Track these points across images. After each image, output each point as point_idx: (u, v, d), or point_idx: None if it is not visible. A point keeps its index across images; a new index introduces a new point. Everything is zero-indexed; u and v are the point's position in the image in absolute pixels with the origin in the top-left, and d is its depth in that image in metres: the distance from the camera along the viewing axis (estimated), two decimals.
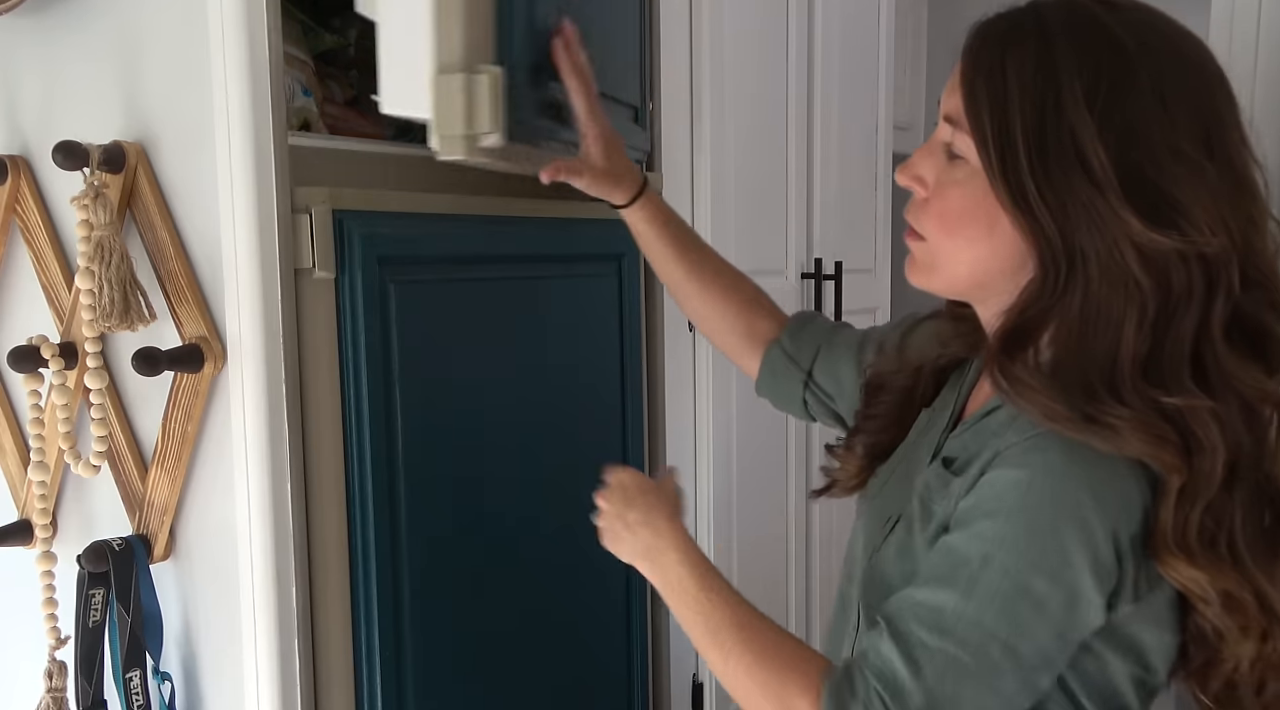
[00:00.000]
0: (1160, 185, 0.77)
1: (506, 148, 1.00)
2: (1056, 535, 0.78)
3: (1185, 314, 0.79)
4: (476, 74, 0.97)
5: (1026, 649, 0.79)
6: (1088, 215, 0.78)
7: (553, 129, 1.15)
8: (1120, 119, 0.78)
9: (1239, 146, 0.81)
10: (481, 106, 0.97)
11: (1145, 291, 0.78)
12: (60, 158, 1.06)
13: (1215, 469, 0.78)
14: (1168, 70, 0.79)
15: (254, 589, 1.09)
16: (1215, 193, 0.78)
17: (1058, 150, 0.78)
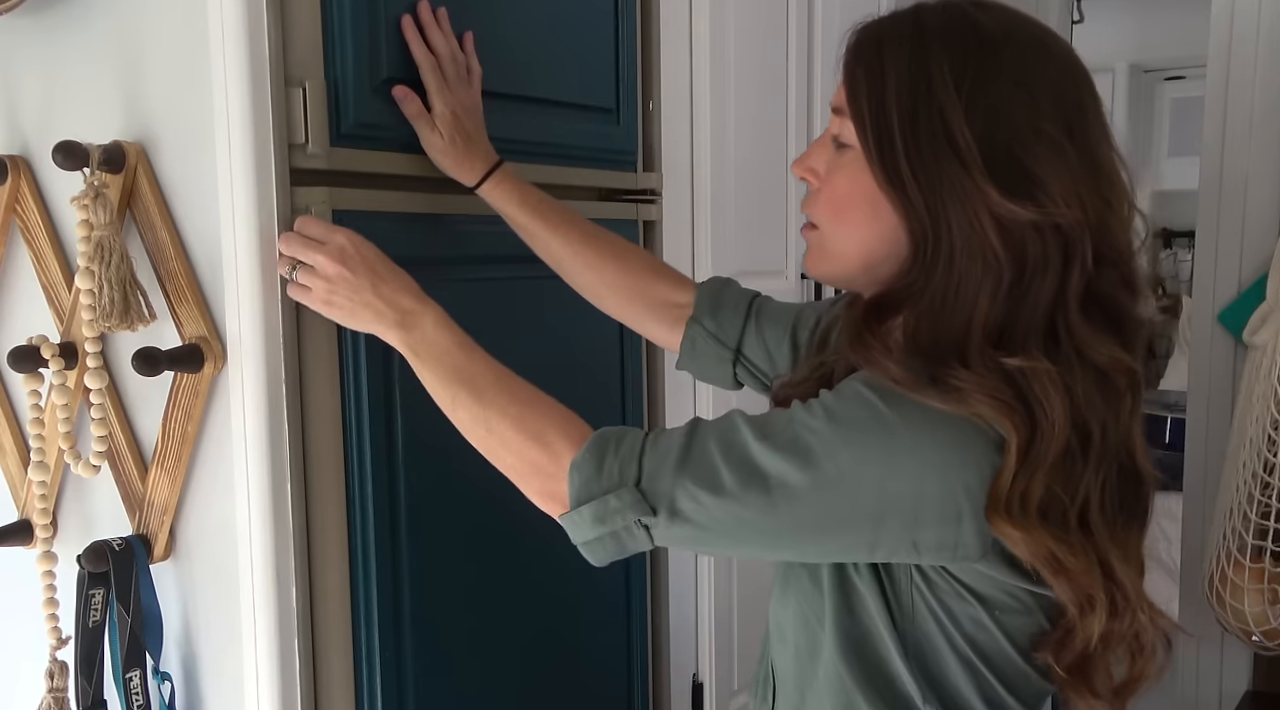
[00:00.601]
0: (1022, 161, 0.82)
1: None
2: (875, 409, 0.83)
3: (1041, 283, 0.83)
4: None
5: (784, 489, 0.83)
6: (952, 190, 0.83)
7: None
8: (985, 101, 0.83)
9: (1100, 135, 0.86)
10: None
11: (1002, 262, 0.82)
12: (60, 158, 1.06)
13: (1057, 433, 0.80)
14: (1032, 60, 0.85)
15: (254, 589, 1.09)
16: (1073, 172, 0.83)
17: (928, 131, 0.83)
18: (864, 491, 0.82)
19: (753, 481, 0.84)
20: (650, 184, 1.52)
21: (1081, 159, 0.83)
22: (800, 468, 0.83)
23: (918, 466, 0.81)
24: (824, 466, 0.82)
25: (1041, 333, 0.83)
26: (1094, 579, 0.83)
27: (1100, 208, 0.84)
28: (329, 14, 1.09)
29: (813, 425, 0.84)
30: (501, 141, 1.27)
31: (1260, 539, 1.49)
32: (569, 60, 1.39)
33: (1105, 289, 0.85)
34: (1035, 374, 0.81)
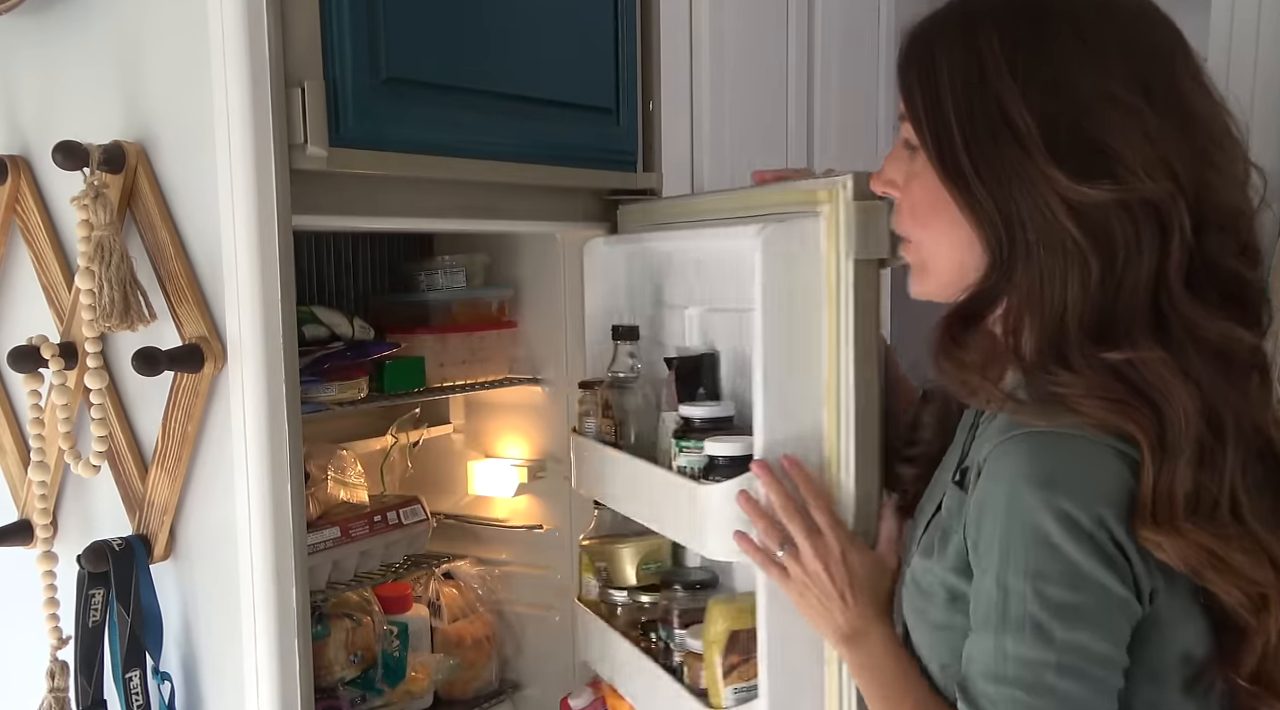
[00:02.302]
0: (1092, 135, 0.76)
1: None
2: (1049, 540, 0.76)
3: (1136, 265, 0.76)
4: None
5: (1080, 661, 0.77)
6: (1019, 181, 0.77)
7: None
8: (1043, 77, 0.77)
9: (1190, 85, 0.79)
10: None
11: (1084, 249, 0.76)
12: (60, 158, 1.06)
13: (1188, 422, 0.74)
14: (1093, 21, 0.78)
15: (254, 589, 1.09)
16: (1155, 136, 0.76)
17: (985, 121, 0.78)
18: (1107, 610, 0.78)
19: (1043, 660, 0.78)
20: (650, 184, 1.52)
21: (1165, 118, 0.76)
22: (1048, 644, 0.77)
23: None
24: (1056, 627, 0.77)
25: (1147, 317, 0.76)
26: (1264, 572, 0.76)
27: (1197, 168, 0.76)
28: (329, 14, 1.09)
29: (1020, 593, 0.78)
30: (502, 141, 1.27)
31: None
32: (569, 60, 1.39)
33: (1215, 257, 0.77)
34: (1146, 364, 0.75)
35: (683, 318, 1.37)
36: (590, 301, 1.48)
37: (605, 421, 1.34)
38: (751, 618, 1.08)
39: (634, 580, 1.34)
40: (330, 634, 1.47)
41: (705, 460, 1.13)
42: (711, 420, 1.17)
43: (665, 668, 1.24)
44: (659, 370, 1.34)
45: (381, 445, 1.68)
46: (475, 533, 1.72)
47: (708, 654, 1.13)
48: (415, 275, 1.63)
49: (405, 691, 1.55)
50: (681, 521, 1.16)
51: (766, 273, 1.04)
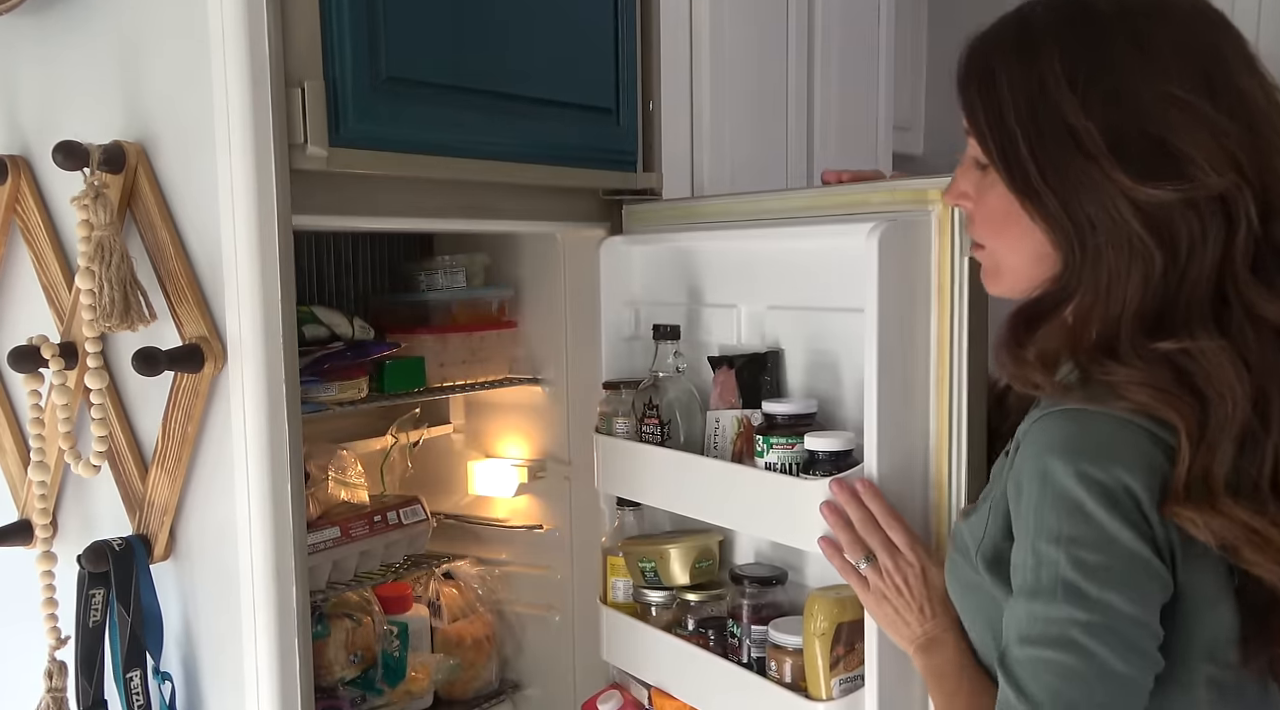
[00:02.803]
0: (1155, 137, 0.78)
1: None
2: (1080, 507, 0.79)
3: (1201, 258, 0.79)
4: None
5: (1109, 620, 0.79)
6: (1086, 187, 0.80)
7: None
8: (1104, 85, 0.79)
9: (1246, 81, 0.81)
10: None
11: (1150, 246, 0.79)
12: (60, 158, 1.06)
13: (1234, 408, 0.77)
14: (1148, 25, 0.81)
15: (254, 589, 1.09)
16: (1218, 130, 0.78)
17: (1051, 133, 0.81)
18: (1136, 573, 0.80)
19: (1070, 618, 0.80)
20: (650, 184, 1.52)
21: (1227, 113, 0.79)
22: (1077, 603, 0.79)
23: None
24: (1086, 588, 0.79)
25: (1208, 305, 0.79)
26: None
27: (1263, 158, 0.79)
28: (329, 14, 1.09)
29: (1052, 559, 0.80)
30: (502, 142, 1.27)
31: None
32: (569, 60, 1.39)
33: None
34: (1202, 354, 0.77)
35: (729, 316, 1.38)
36: (607, 301, 1.47)
37: (649, 421, 1.35)
38: (853, 610, 1.11)
39: (686, 580, 1.34)
40: (330, 634, 1.47)
41: (804, 456, 1.15)
42: (795, 417, 1.19)
43: (739, 664, 1.25)
44: (697, 369, 1.35)
45: (381, 445, 1.68)
46: (475, 533, 1.72)
47: (809, 648, 1.14)
48: (415, 275, 1.63)
49: (405, 691, 1.55)
50: (776, 518, 1.17)
51: (882, 271, 1.06)
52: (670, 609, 1.37)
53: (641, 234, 1.46)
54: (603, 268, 1.46)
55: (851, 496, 1.06)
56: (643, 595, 1.39)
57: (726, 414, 1.28)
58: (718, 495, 1.25)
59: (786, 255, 1.31)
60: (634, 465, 1.37)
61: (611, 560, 1.44)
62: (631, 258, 1.47)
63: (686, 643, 1.32)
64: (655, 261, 1.46)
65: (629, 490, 1.40)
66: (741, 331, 1.37)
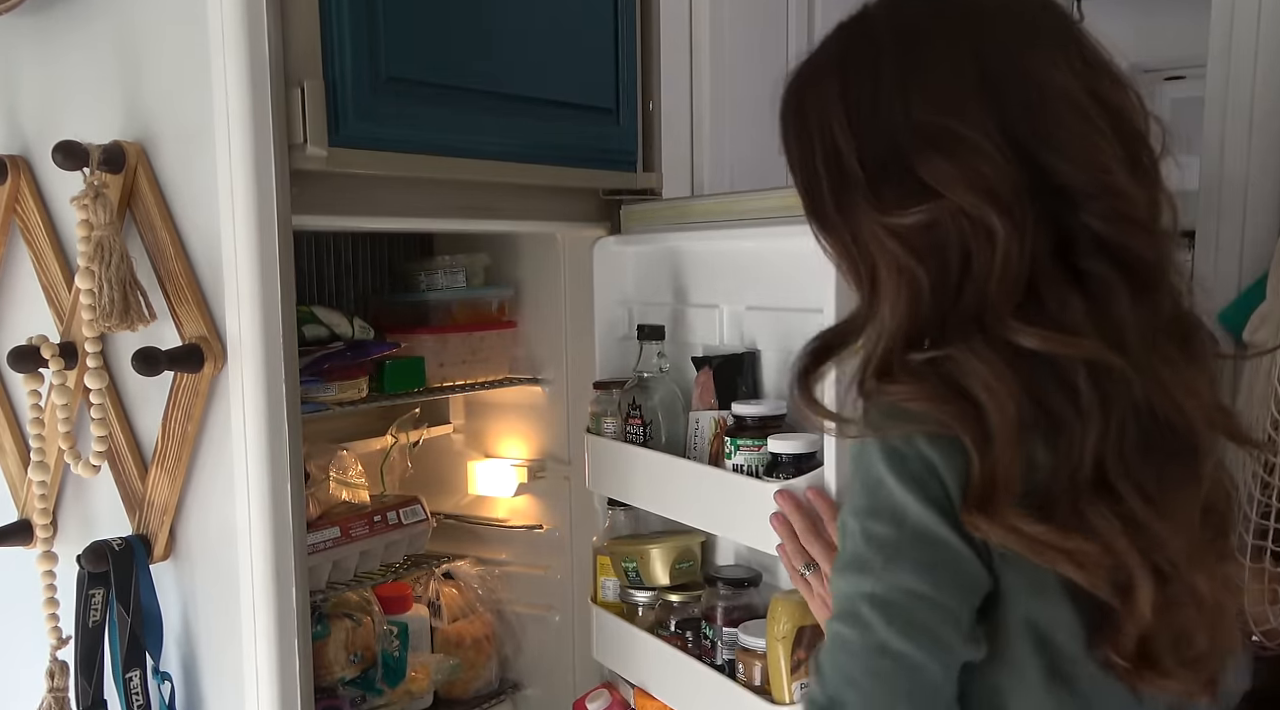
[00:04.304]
0: (904, 164, 0.77)
1: None
2: (880, 481, 0.78)
3: (967, 272, 0.77)
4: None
5: (895, 595, 0.77)
6: (857, 218, 0.80)
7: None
8: (864, 111, 0.79)
9: (1045, 72, 0.77)
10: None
11: (915, 270, 0.78)
12: (60, 158, 1.06)
13: (1002, 411, 0.74)
14: (914, 42, 0.80)
15: (254, 589, 1.09)
16: (963, 150, 0.76)
17: (827, 163, 0.81)
18: (930, 551, 0.77)
19: (857, 591, 0.79)
20: (650, 184, 1.52)
21: (978, 127, 0.76)
22: (867, 576, 0.78)
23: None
24: (877, 561, 0.78)
25: (979, 316, 0.76)
26: (1119, 554, 0.75)
27: (1027, 161, 0.76)
28: (328, 14, 1.09)
29: (852, 531, 0.80)
30: (502, 142, 1.27)
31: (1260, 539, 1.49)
32: (569, 60, 1.39)
33: (1081, 233, 0.76)
34: (957, 358, 0.76)
35: (711, 317, 1.37)
36: (600, 301, 1.48)
37: (633, 422, 1.35)
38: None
39: (666, 580, 1.34)
40: (330, 634, 1.47)
41: (767, 458, 1.14)
42: (764, 418, 1.18)
43: (713, 667, 1.24)
44: (683, 369, 1.34)
45: (381, 445, 1.68)
46: (475, 533, 1.72)
47: (772, 651, 1.13)
48: (415, 275, 1.63)
49: (405, 691, 1.55)
50: (741, 520, 1.17)
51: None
52: (654, 609, 1.37)
53: (635, 234, 1.46)
54: (596, 268, 1.46)
55: (794, 505, 1.06)
56: (629, 595, 1.39)
57: (705, 415, 1.28)
58: (691, 496, 1.25)
59: (763, 255, 1.30)
60: (619, 465, 1.38)
61: (601, 559, 1.45)
62: (624, 258, 1.47)
63: (665, 644, 1.31)
64: (647, 261, 1.46)
65: (616, 490, 1.41)
66: (723, 332, 1.37)
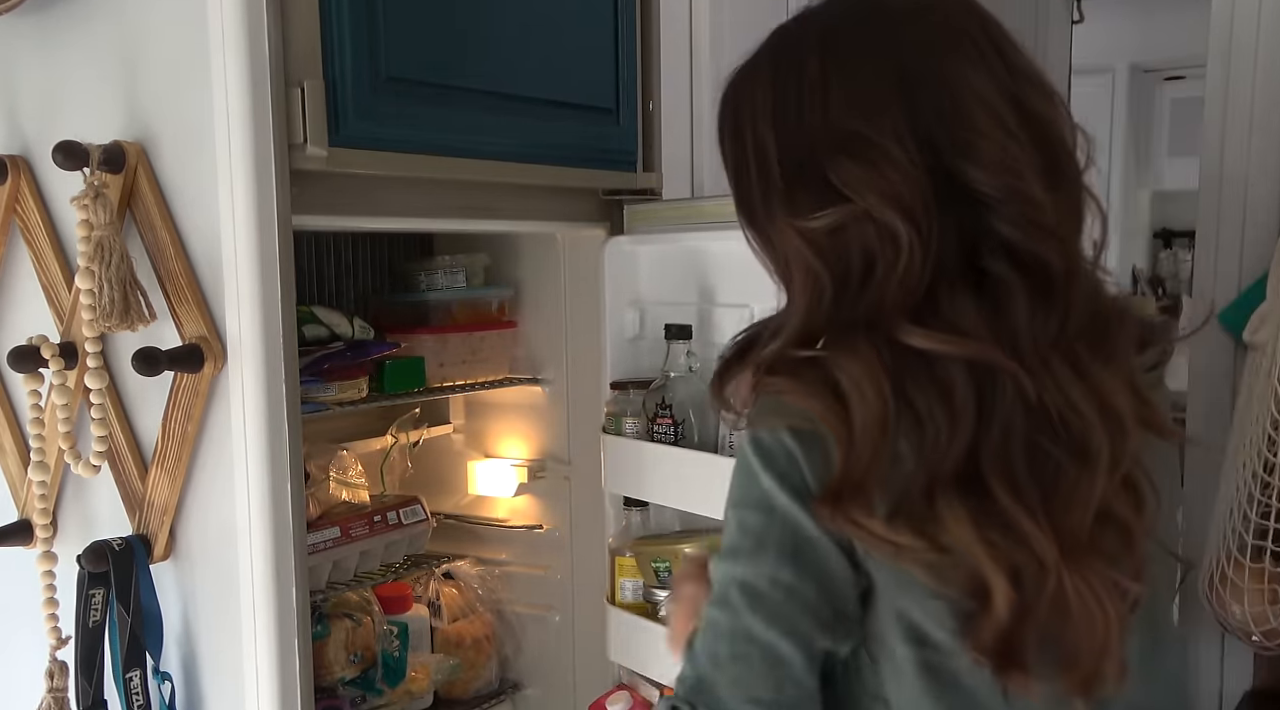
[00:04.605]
0: (817, 169, 0.77)
1: None
2: (751, 471, 0.79)
3: (869, 281, 0.77)
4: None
5: (760, 583, 0.78)
6: (772, 221, 0.81)
7: None
8: (787, 114, 0.80)
9: (958, 79, 0.77)
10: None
11: (820, 273, 0.78)
12: (60, 158, 1.06)
13: (867, 414, 0.74)
14: (835, 43, 0.80)
15: (254, 589, 1.09)
16: (875, 155, 0.76)
17: (753, 164, 0.82)
18: (794, 541, 0.79)
19: (729, 576, 0.80)
20: (650, 184, 1.52)
21: (891, 133, 0.76)
22: (736, 562, 0.80)
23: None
24: (744, 548, 0.80)
25: (898, 311, 0.76)
26: (975, 548, 0.74)
27: (948, 161, 0.76)
28: (329, 14, 1.09)
29: (729, 521, 0.82)
30: (502, 142, 1.27)
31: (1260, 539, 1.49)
32: (569, 60, 1.39)
33: (1000, 235, 0.76)
34: (835, 358, 0.76)
35: (742, 316, 1.37)
36: (610, 302, 1.47)
37: (662, 421, 1.35)
38: None
39: None
40: (330, 634, 1.47)
41: None
42: None
43: None
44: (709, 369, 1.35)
45: (381, 445, 1.69)
46: (475, 533, 1.72)
47: None
48: (415, 275, 1.63)
49: (405, 691, 1.55)
50: None
51: None
52: None
53: (646, 234, 1.46)
54: (606, 268, 1.46)
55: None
56: (653, 595, 1.39)
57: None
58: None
59: None
60: (643, 465, 1.37)
61: (620, 561, 1.44)
62: (637, 258, 1.47)
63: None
64: (661, 261, 1.46)
65: (638, 490, 1.40)
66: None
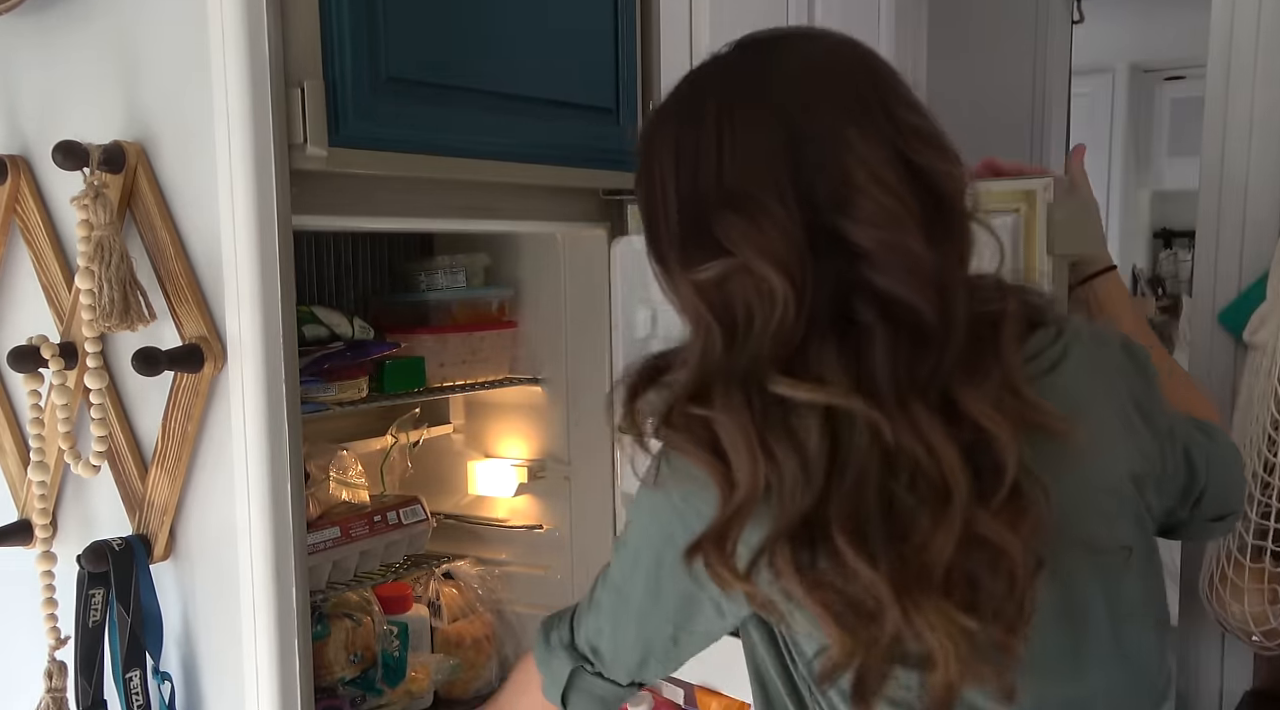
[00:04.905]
0: (703, 226, 0.80)
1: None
2: (638, 513, 0.91)
3: (750, 336, 0.79)
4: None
5: (625, 592, 0.93)
6: (674, 272, 0.84)
7: None
8: (684, 175, 0.83)
9: (839, 144, 0.79)
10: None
11: (709, 322, 0.81)
12: (60, 158, 1.06)
13: (746, 476, 0.77)
14: (732, 108, 0.82)
15: (254, 589, 1.09)
16: (768, 213, 0.78)
17: (657, 211, 0.85)
18: (651, 561, 0.90)
19: (607, 576, 0.96)
20: None
21: (802, 181, 0.78)
22: (597, 587, 0.97)
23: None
24: (615, 557, 0.94)
25: (753, 377, 0.79)
26: (805, 594, 0.78)
27: (828, 218, 0.78)
28: (329, 14, 1.09)
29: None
30: (502, 142, 1.27)
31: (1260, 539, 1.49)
32: (569, 60, 1.39)
33: (875, 287, 0.78)
34: (717, 417, 0.79)
35: None
36: (621, 301, 1.47)
37: None
38: None
39: None
40: (330, 634, 1.47)
41: None
42: None
43: None
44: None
45: (381, 445, 1.69)
46: (475, 533, 1.72)
47: None
48: (415, 275, 1.63)
49: (405, 691, 1.55)
50: None
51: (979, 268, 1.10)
52: None
53: None
54: (616, 267, 1.46)
55: None
56: None
57: None
58: None
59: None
60: None
61: None
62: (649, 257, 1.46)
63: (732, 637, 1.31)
64: None
65: None
66: None
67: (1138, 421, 0.90)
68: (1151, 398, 0.93)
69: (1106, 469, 0.87)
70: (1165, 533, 1.01)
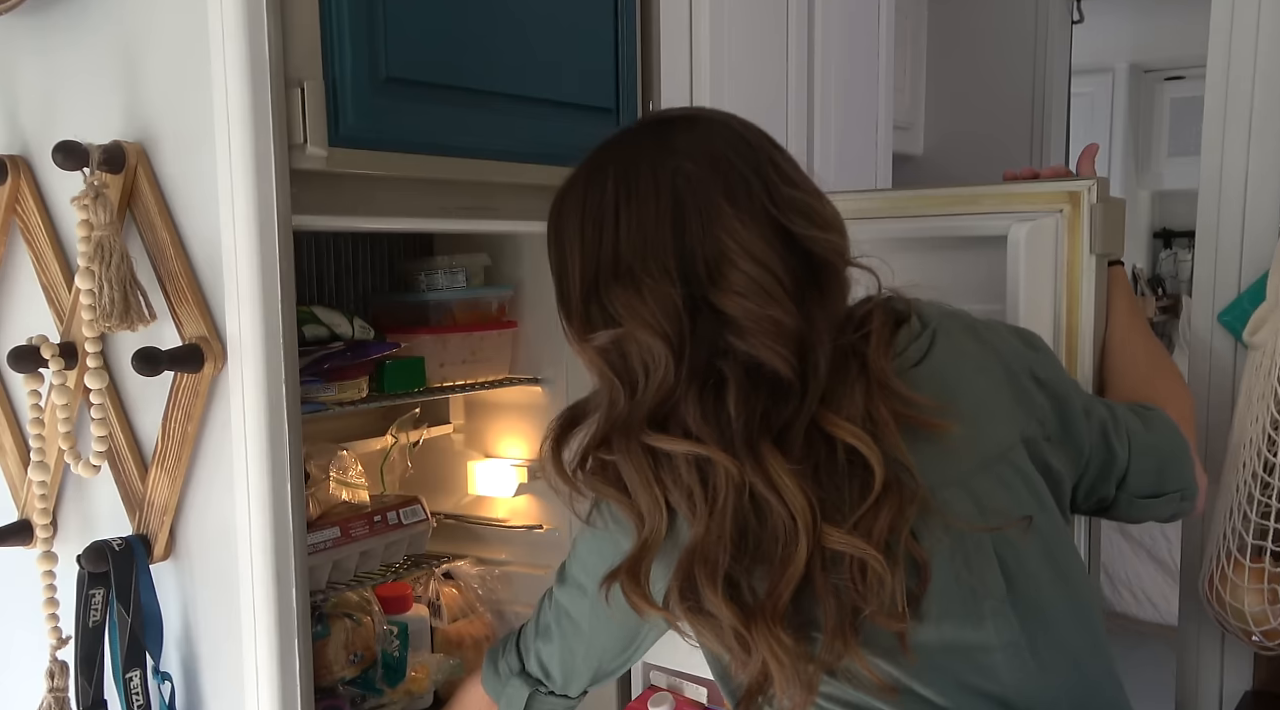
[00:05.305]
0: (600, 291, 0.90)
1: None
2: (576, 545, 1.03)
3: (646, 393, 0.89)
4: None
5: (561, 603, 1.05)
6: (575, 334, 0.94)
7: None
8: (590, 241, 0.91)
9: (717, 223, 0.88)
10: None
11: (610, 381, 0.91)
12: (60, 158, 1.06)
13: (646, 512, 0.89)
14: (626, 183, 0.92)
15: (254, 589, 1.09)
16: (651, 287, 0.87)
17: (564, 278, 0.94)
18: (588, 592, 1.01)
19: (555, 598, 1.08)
20: None
21: (683, 255, 0.87)
22: (558, 585, 1.07)
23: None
24: (560, 578, 1.06)
25: (650, 419, 0.88)
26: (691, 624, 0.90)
27: (704, 289, 0.87)
28: (329, 14, 1.09)
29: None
30: (502, 142, 1.27)
31: (1260, 539, 1.49)
32: (569, 60, 1.39)
33: (740, 350, 0.87)
34: (621, 465, 0.89)
35: None
36: None
37: None
38: None
39: None
40: (330, 634, 1.47)
41: None
42: None
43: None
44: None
45: (381, 445, 1.69)
46: (475, 533, 1.72)
47: None
48: (415, 275, 1.63)
49: (405, 691, 1.55)
50: None
51: (1028, 267, 1.15)
52: None
53: None
54: None
55: None
56: None
57: None
58: None
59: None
60: None
61: None
62: None
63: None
64: None
65: None
66: None
67: (1032, 387, 0.98)
68: (1047, 367, 1.01)
69: (993, 438, 0.94)
70: (1099, 511, 1.10)
